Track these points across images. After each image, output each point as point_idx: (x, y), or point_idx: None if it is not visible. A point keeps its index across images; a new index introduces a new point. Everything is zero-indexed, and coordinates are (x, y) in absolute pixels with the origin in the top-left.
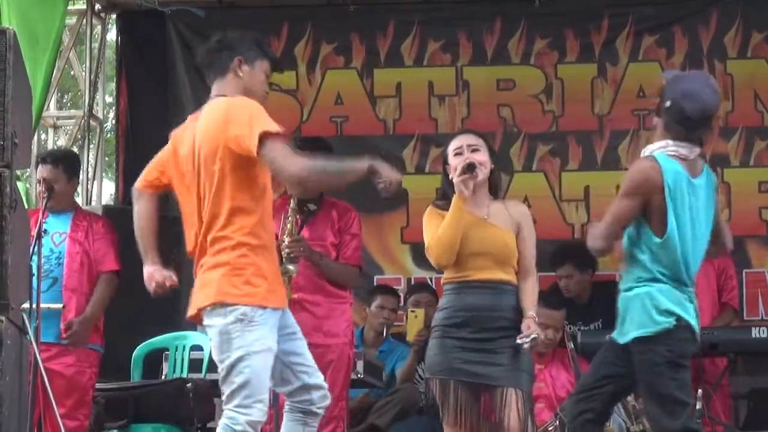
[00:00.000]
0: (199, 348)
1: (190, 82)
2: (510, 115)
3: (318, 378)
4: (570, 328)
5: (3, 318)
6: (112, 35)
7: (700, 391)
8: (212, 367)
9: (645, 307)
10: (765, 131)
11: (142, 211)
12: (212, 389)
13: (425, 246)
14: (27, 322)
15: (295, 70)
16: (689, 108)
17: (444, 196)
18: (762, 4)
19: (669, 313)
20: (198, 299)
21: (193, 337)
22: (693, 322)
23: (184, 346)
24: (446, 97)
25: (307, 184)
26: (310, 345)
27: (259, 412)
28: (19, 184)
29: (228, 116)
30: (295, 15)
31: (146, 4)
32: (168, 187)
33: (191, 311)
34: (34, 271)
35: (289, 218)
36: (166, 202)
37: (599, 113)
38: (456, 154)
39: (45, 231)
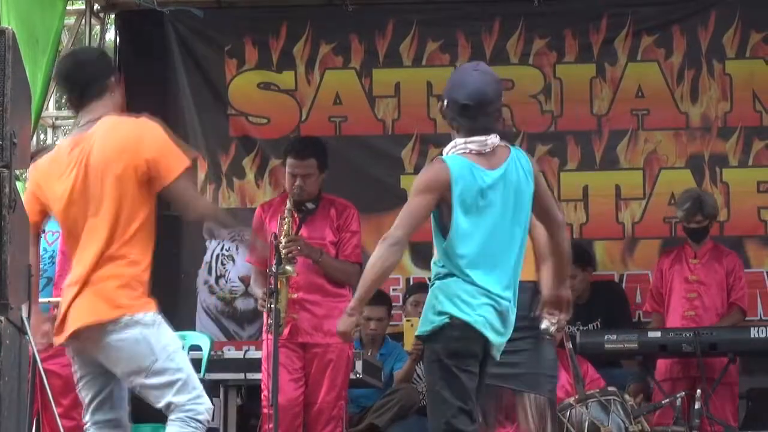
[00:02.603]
0: (197, 348)
1: (189, 82)
2: (509, 115)
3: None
4: (569, 328)
5: (2, 318)
6: (110, 35)
7: (699, 390)
8: (211, 367)
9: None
10: (764, 131)
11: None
12: (211, 389)
13: None
14: (26, 322)
15: (293, 70)
16: (461, 95)
17: None
18: (761, 4)
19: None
20: (94, 312)
21: (191, 337)
22: (469, 319)
23: (182, 346)
24: None
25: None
26: (310, 345)
27: (208, 401)
28: (19, 184)
29: (140, 136)
30: (294, 15)
31: (145, 4)
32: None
33: (78, 324)
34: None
35: (286, 219)
36: (165, 201)
37: (598, 113)
38: None
39: (42, 230)
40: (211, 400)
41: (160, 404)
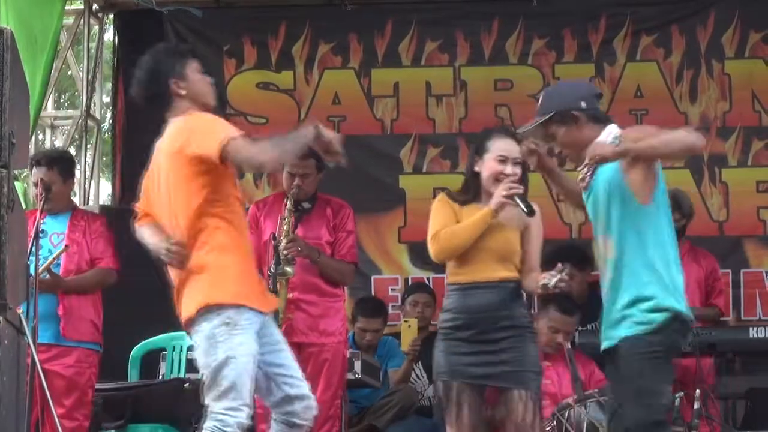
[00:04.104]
0: None
1: None
2: (508, 115)
3: (302, 388)
4: None
5: (0, 318)
6: (109, 35)
7: (698, 390)
8: None
9: None
10: (763, 131)
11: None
12: None
13: (429, 234)
14: (24, 322)
15: (292, 69)
16: (589, 87)
17: (465, 189)
18: (760, 4)
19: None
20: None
21: None
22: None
23: (181, 347)
24: (444, 97)
25: (276, 165)
26: (306, 344)
27: (246, 415)
28: (17, 185)
29: (189, 130)
30: (293, 15)
31: (143, 3)
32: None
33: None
34: (32, 271)
35: (286, 219)
36: None
37: None
38: (500, 161)
39: (43, 231)
40: None
41: (205, 403)
